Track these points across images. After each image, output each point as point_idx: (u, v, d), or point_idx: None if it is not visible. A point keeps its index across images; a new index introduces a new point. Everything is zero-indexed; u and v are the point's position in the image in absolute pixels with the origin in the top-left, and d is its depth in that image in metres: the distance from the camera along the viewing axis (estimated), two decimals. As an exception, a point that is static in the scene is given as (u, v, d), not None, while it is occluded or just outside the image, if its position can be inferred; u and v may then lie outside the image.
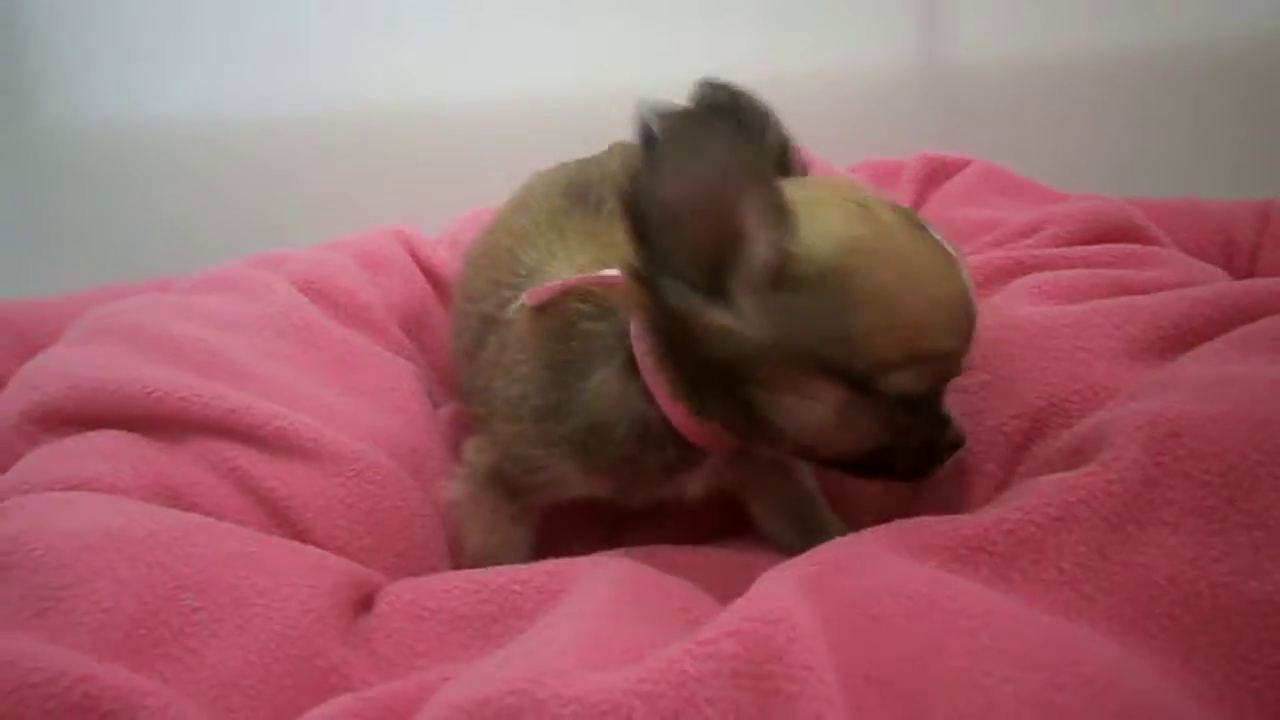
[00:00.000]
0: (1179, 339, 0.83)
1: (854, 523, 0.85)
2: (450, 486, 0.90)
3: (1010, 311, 0.89)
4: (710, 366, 0.72)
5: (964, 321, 0.73)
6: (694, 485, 0.85)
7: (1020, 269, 1.01)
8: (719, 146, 0.66)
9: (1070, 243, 1.07)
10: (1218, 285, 0.90)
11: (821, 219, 0.70)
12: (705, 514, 0.92)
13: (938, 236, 0.74)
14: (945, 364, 0.73)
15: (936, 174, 1.32)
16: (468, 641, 0.70)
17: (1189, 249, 1.17)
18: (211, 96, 1.47)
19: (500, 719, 0.50)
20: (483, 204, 1.36)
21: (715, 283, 0.69)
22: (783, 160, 0.83)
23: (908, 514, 0.70)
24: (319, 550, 0.77)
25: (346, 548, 0.81)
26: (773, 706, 0.48)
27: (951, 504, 0.83)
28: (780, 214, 0.67)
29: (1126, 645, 0.56)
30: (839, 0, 1.53)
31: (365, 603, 0.77)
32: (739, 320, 0.69)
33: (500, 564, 0.80)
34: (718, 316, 0.69)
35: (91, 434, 0.83)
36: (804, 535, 0.86)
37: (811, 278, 0.68)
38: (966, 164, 1.30)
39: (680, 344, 0.73)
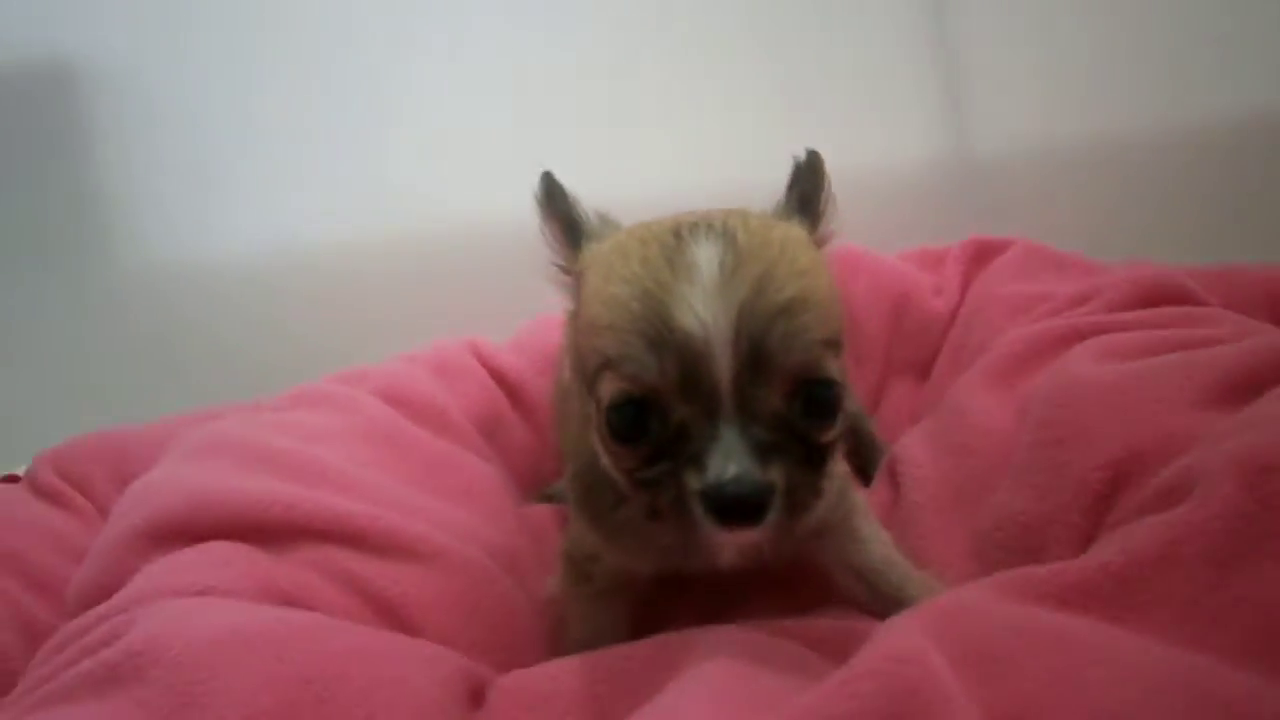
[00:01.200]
0: (1247, 387, 0.84)
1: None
2: (549, 582, 0.92)
3: (1076, 370, 0.92)
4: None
5: (633, 331, 0.65)
6: (726, 556, 0.80)
7: (1078, 335, 1.04)
8: (542, 190, 0.80)
9: (1122, 309, 1.10)
10: (1273, 332, 0.93)
11: (601, 240, 0.77)
12: (789, 587, 0.93)
13: (693, 249, 0.66)
14: (623, 376, 0.65)
15: (982, 255, 1.36)
16: (586, 723, 0.71)
17: (1238, 311, 1.20)
18: (276, 227, 1.56)
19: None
20: (545, 310, 1.43)
21: None
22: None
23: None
24: (431, 644, 0.79)
25: (455, 643, 0.83)
26: (919, 741, 0.50)
27: (1036, 555, 0.84)
28: (568, 239, 0.77)
29: (1251, 675, 0.56)
30: (865, 100, 1.63)
31: (476, 696, 0.78)
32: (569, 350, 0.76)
33: (600, 647, 0.80)
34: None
35: (203, 545, 0.86)
36: (884, 602, 0.86)
37: (577, 287, 0.75)
38: (1010, 244, 1.35)
39: None
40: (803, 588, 0.93)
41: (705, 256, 0.65)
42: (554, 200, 0.80)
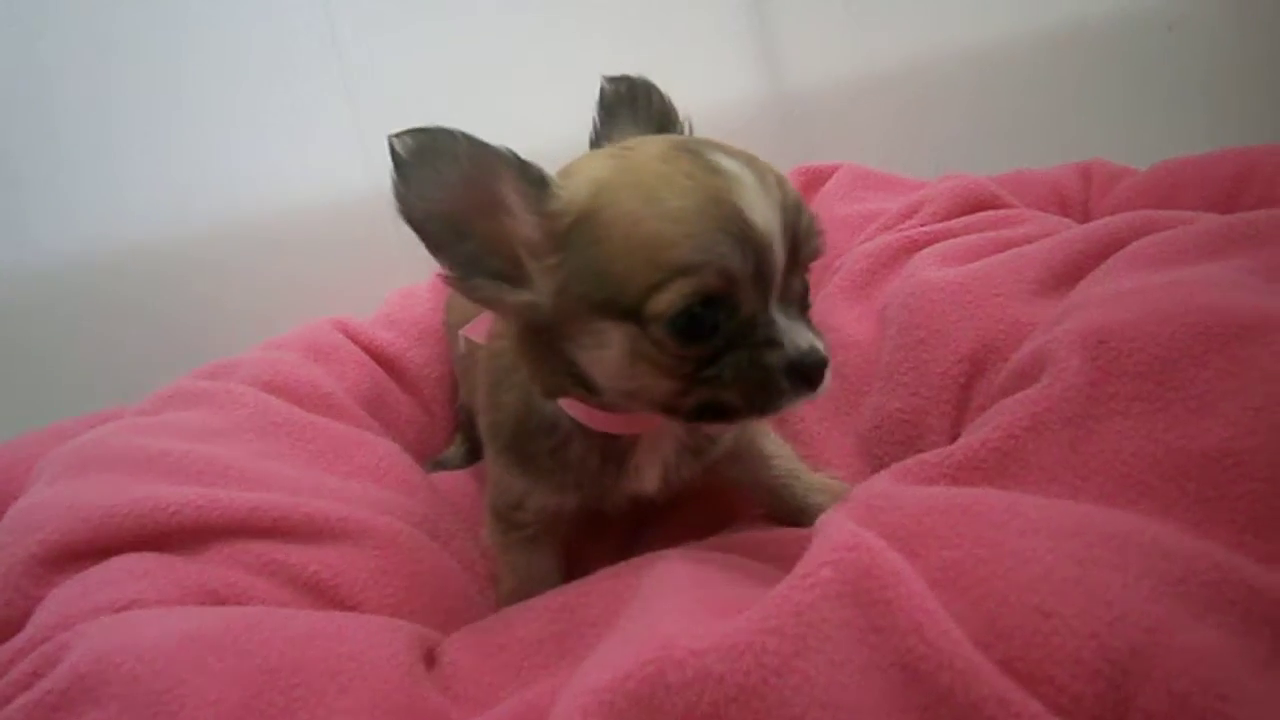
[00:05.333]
0: (1066, 274, 0.97)
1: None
2: (480, 536, 0.94)
3: (925, 276, 1.03)
4: (540, 344, 0.78)
5: (719, 231, 0.69)
6: (650, 480, 0.88)
7: (915, 245, 1.15)
8: (459, 148, 0.72)
9: (947, 217, 1.22)
10: (1084, 227, 1.06)
11: (577, 174, 0.76)
12: (704, 511, 1.00)
13: (720, 160, 0.72)
14: (709, 276, 0.69)
15: (813, 181, 1.46)
16: (549, 661, 0.74)
17: (1035, 209, 1.35)
18: (109, 225, 1.45)
19: (647, 687, 0.56)
20: (405, 283, 1.42)
21: (517, 267, 0.75)
22: (665, 122, 0.91)
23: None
24: (382, 617, 0.80)
25: (398, 613, 0.84)
26: (878, 613, 0.57)
27: (917, 445, 0.94)
28: (531, 182, 0.74)
29: (1122, 512, 0.67)
30: (683, 41, 1.68)
31: (429, 658, 0.80)
32: (536, 291, 0.75)
33: (534, 595, 0.84)
34: (521, 295, 0.75)
35: (112, 560, 0.83)
36: (793, 511, 0.95)
37: (572, 228, 0.74)
38: (836, 169, 1.45)
39: (523, 334, 0.80)
40: (710, 512, 1.00)
41: (736, 167, 0.72)
42: (489, 149, 0.74)
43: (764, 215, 0.70)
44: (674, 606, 0.63)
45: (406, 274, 1.41)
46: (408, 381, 1.27)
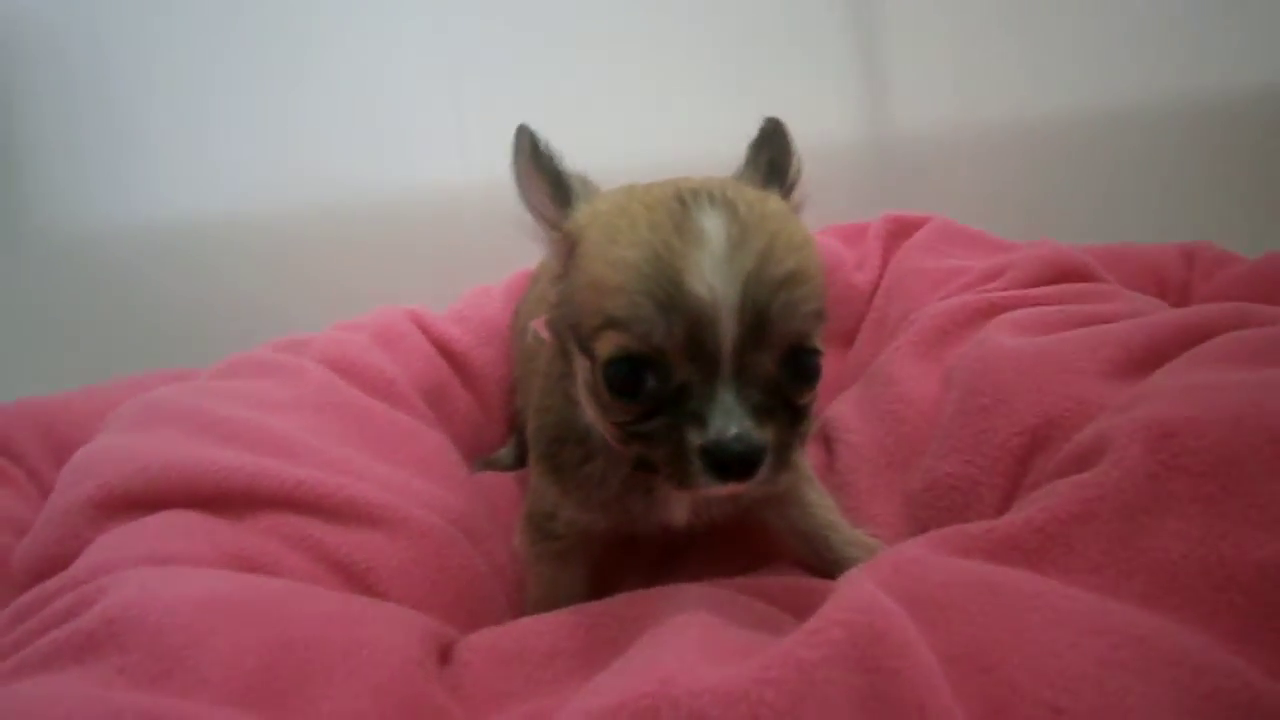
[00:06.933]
0: (1146, 359, 0.94)
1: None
2: (513, 542, 0.95)
3: (995, 343, 1.00)
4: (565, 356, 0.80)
5: (645, 294, 0.67)
6: (678, 513, 0.87)
7: (994, 309, 1.12)
8: (523, 143, 0.79)
9: (1031, 284, 1.19)
10: (1173, 312, 1.02)
11: (595, 202, 0.78)
12: (739, 549, 0.99)
13: (699, 218, 0.69)
14: (632, 336, 0.68)
15: (900, 231, 1.44)
16: (561, 676, 0.75)
17: (1128, 286, 1.30)
18: (210, 192, 1.52)
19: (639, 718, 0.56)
20: (485, 282, 1.45)
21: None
22: (773, 168, 0.87)
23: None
24: (402, 607, 0.82)
25: (421, 606, 0.85)
26: (882, 682, 0.55)
27: (964, 514, 0.92)
28: (558, 200, 0.77)
29: (1159, 616, 0.64)
30: (791, 76, 1.68)
31: (444, 655, 0.81)
32: (553, 304, 0.78)
33: (559, 607, 0.84)
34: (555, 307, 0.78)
35: (161, 514, 0.86)
36: (828, 563, 0.93)
37: (572, 251, 0.75)
38: (926, 220, 1.43)
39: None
40: (744, 550, 0.99)
41: (713, 226, 0.68)
42: (539, 156, 0.80)
43: (710, 286, 0.66)
44: (683, 643, 0.63)
45: (487, 273, 1.44)
46: (470, 378, 1.29)
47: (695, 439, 0.67)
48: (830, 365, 1.39)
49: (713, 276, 0.67)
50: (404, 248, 1.55)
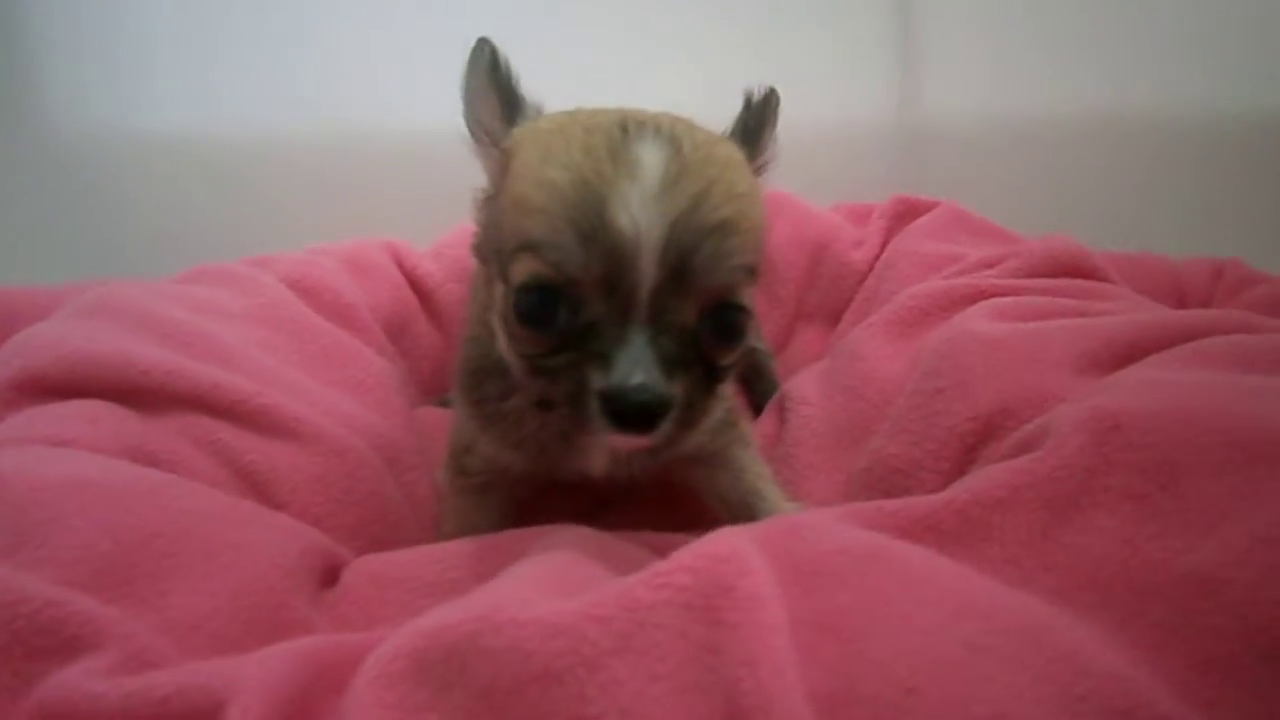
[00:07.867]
0: (1130, 356, 0.87)
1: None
2: (435, 475, 0.92)
3: (966, 326, 0.94)
4: (484, 282, 0.77)
5: (566, 219, 0.63)
6: (596, 462, 0.83)
7: (979, 295, 1.05)
8: (483, 59, 0.76)
9: (1029, 275, 1.12)
10: (1170, 313, 0.95)
11: (538, 120, 0.75)
12: (664, 507, 0.95)
13: (638, 148, 0.65)
14: (546, 262, 0.64)
15: (906, 214, 1.37)
16: (432, 606, 0.71)
17: (1146, 296, 1.22)
18: (206, 113, 1.52)
19: (460, 643, 0.52)
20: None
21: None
22: (751, 125, 0.84)
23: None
24: (292, 519, 0.79)
25: (321, 524, 0.83)
26: (719, 635, 0.51)
27: (901, 497, 0.86)
28: (505, 116, 0.75)
29: (1066, 614, 0.58)
30: (824, 57, 1.62)
31: (331, 575, 0.78)
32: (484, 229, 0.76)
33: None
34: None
35: (76, 401, 0.85)
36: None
37: (504, 168, 0.72)
38: (935, 205, 1.36)
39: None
40: (676, 510, 0.95)
41: (650, 159, 0.64)
42: (496, 71, 0.77)
43: (634, 220, 0.62)
44: (529, 575, 0.59)
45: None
46: (436, 313, 1.27)
47: (597, 381, 0.63)
48: (814, 342, 1.35)
49: (639, 211, 0.62)
50: (412, 183, 1.52)
